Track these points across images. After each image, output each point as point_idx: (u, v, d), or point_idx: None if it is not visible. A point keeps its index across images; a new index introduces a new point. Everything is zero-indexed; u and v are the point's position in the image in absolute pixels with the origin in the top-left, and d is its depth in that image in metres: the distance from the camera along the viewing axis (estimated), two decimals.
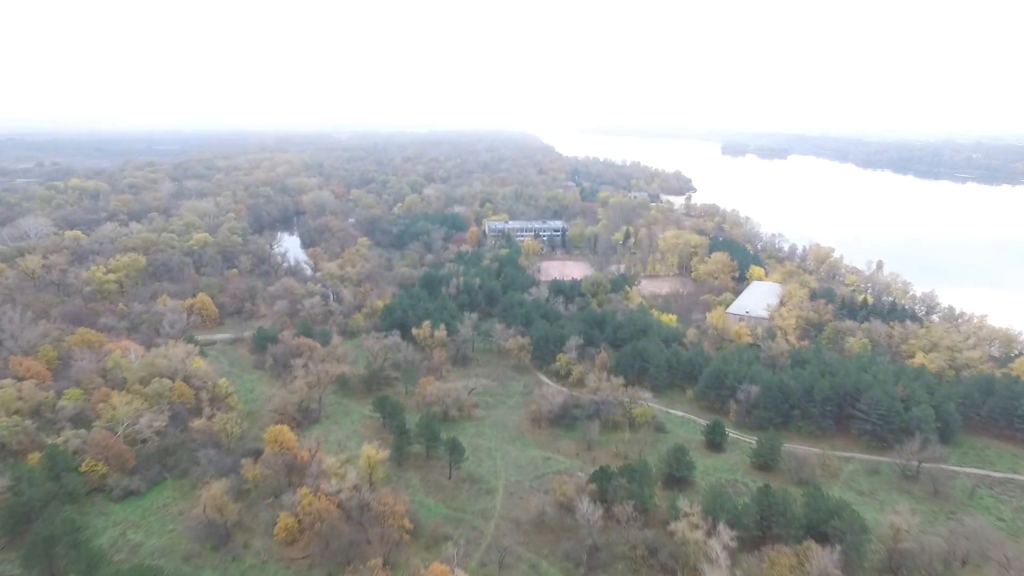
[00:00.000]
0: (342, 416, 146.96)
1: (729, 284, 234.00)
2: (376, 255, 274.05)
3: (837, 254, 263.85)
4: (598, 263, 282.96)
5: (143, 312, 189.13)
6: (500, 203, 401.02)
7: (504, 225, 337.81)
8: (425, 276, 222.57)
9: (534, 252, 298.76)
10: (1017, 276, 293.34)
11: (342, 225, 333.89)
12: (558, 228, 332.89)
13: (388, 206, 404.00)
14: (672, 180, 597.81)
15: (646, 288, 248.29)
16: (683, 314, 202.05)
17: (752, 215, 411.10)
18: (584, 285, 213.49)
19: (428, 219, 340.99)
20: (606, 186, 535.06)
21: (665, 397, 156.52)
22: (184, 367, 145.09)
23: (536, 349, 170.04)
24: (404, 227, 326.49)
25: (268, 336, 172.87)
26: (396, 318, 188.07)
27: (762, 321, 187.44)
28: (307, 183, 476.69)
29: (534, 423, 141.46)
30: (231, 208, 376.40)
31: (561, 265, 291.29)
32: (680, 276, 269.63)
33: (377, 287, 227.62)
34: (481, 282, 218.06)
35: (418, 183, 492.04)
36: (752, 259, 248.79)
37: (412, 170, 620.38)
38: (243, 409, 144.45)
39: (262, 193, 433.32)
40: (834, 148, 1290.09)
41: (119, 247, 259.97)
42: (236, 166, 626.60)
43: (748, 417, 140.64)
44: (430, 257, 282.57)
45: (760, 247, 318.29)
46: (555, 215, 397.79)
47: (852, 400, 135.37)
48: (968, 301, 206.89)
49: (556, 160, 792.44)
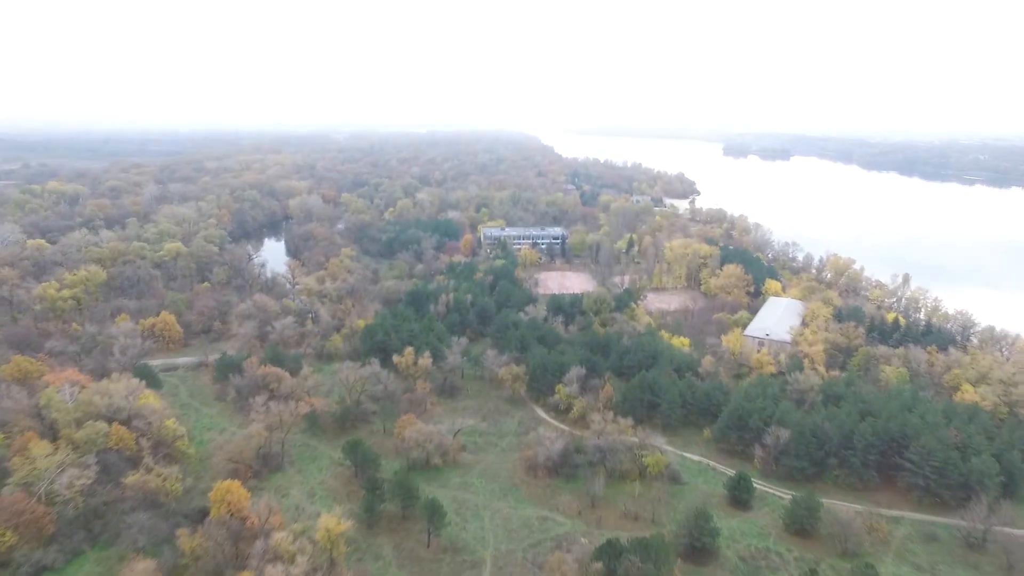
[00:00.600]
0: (309, 461, 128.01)
1: (743, 300, 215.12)
2: (361, 266, 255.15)
3: (857, 265, 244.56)
4: (600, 274, 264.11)
5: (97, 334, 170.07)
6: (497, 208, 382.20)
7: (500, 232, 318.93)
8: (412, 293, 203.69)
9: (532, 262, 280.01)
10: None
11: (328, 232, 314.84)
12: (557, 236, 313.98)
13: (379, 211, 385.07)
14: (675, 183, 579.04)
15: (653, 303, 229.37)
16: (695, 336, 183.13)
17: (760, 220, 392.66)
18: (586, 302, 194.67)
19: (420, 226, 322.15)
20: (607, 189, 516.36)
21: (679, 436, 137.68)
22: (129, 405, 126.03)
23: (533, 379, 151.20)
24: (394, 235, 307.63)
25: (231, 364, 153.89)
26: (377, 341, 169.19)
27: (784, 346, 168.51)
28: (296, 186, 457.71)
29: (529, 471, 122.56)
30: (213, 213, 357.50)
31: (561, 276, 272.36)
32: (689, 289, 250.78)
33: (360, 304, 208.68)
34: (473, 299, 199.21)
35: (412, 186, 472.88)
36: (767, 272, 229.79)
37: (407, 172, 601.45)
38: (196, 454, 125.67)
39: (248, 197, 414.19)
40: (837, 149, 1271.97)
41: (85, 257, 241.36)
42: (225, 167, 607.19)
43: (777, 465, 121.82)
44: (420, 267, 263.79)
45: (771, 256, 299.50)
46: (554, 221, 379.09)
47: (898, 447, 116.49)
48: (988, 310, 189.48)
49: (555, 161, 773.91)
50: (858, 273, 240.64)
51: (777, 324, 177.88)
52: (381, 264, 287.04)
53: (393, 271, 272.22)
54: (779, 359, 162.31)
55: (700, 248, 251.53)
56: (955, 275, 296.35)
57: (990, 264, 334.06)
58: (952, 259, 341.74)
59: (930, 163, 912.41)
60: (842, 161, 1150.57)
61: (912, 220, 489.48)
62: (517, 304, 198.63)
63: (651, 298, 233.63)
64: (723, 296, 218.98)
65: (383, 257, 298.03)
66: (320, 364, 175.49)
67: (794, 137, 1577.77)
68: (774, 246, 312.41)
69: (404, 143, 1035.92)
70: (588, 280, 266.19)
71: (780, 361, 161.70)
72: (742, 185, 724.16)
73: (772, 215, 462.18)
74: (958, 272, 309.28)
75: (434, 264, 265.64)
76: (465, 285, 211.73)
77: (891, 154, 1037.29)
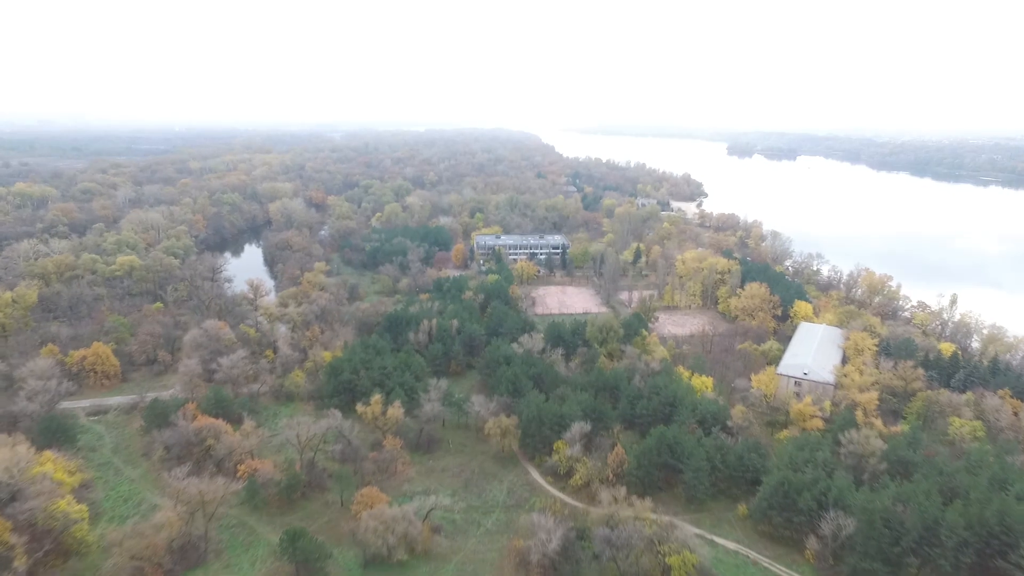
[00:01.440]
0: (241, 551, 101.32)
1: (770, 324, 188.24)
2: (337, 282, 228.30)
3: (894, 282, 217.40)
4: (605, 290, 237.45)
5: (9, 372, 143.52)
6: (492, 213, 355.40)
7: (495, 241, 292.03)
8: (390, 317, 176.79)
9: (529, 276, 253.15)
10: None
11: (307, 241, 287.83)
12: (557, 245, 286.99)
13: (366, 216, 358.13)
14: (682, 185, 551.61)
15: (665, 325, 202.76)
16: (718, 371, 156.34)
17: (772, 224, 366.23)
18: (590, 331, 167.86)
19: (408, 233, 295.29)
20: (610, 192, 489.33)
21: (707, 513, 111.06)
22: (13, 479, 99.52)
23: (526, 434, 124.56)
24: (379, 244, 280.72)
25: (161, 412, 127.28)
26: (343, 381, 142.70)
27: (827, 389, 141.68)
28: (281, 188, 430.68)
29: (520, 567, 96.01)
30: (186, 219, 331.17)
31: (561, 292, 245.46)
32: (705, 309, 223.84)
33: (331, 329, 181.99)
34: (460, 325, 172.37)
35: (403, 189, 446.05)
36: (795, 291, 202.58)
37: (400, 173, 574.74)
38: (98, 542, 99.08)
39: (227, 200, 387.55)
40: (844, 149, 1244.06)
41: (28, 271, 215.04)
42: (210, 168, 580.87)
43: (837, 561, 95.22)
44: (406, 282, 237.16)
45: (791, 268, 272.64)
46: (554, 227, 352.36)
47: (1001, 545, 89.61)
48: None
49: (556, 162, 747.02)
50: (896, 291, 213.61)
51: (815, 360, 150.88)
52: (363, 277, 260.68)
53: (376, 285, 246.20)
54: (823, 406, 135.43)
55: (717, 263, 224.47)
56: (987, 284, 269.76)
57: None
58: (982, 266, 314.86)
59: (943, 163, 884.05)
60: (849, 161, 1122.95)
61: (932, 223, 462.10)
62: (511, 331, 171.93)
63: (663, 319, 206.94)
64: (746, 320, 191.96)
65: (366, 269, 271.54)
66: (278, 406, 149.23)
67: (799, 136, 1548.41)
68: (794, 256, 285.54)
69: (400, 142, 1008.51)
70: (591, 296, 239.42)
71: (825, 408, 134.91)
72: (749, 186, 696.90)
73: (783, 219, 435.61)
74: (990, 280, 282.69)
75: (421, 278, 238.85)
76: (452, 308, 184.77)
77: (901, 154, 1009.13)
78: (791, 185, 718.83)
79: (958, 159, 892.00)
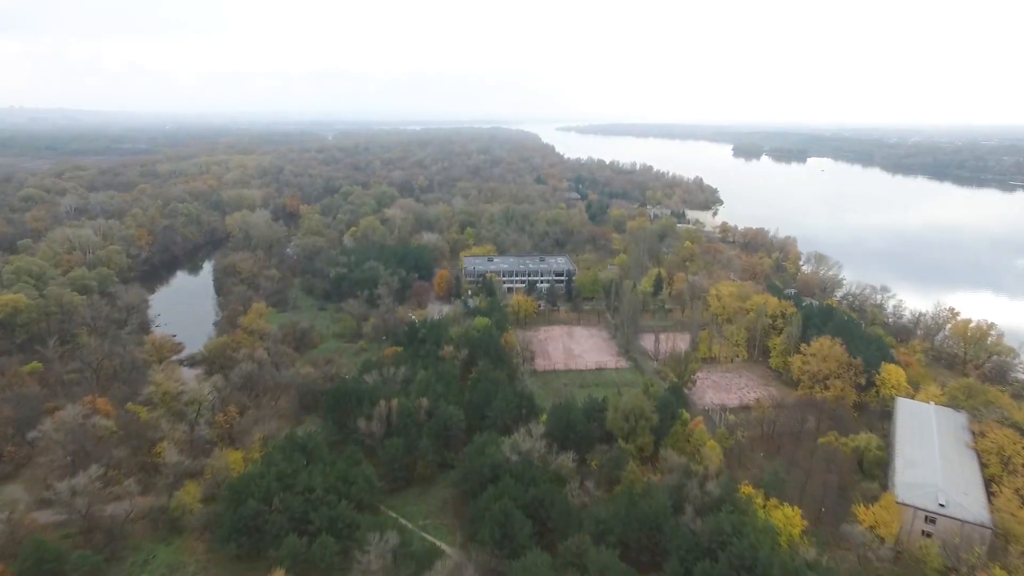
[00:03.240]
0: None
1: (850, 395, 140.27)
2: (285, 327, 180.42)
3: (996, 332, 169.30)
4: (622, 333, 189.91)
5: None
6: (485, 227, 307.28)
7: (487, 264, 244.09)
8: (335, 395, 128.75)
9: (528, 313, 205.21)
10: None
11: (258, 265, 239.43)
12: (561, 272, 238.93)
13: (340, 230, 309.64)
14: (695, 191, 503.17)
15: (704, 390, 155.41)
16: (797, 483, 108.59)
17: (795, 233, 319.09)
18: (612, 421, 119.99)
19: (384, 255, 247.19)
20: (617, 200, 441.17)
21: None
22: None
23: None
24: (345, 270, 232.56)
25: None
26: (247, 513, 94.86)
27: (981, 533, 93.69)
28: (247, 196, 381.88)
29: None
30: (126, 234, 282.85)
31: (567, 335, 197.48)
32: (753, 364, 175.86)
33: (258, 405, 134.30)
34: (431, 405, 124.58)
35: (387, 196, 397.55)
36: (877, 347, 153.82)
37: (388, 177, 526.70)
38: None
39: (183, 211, 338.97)
40: (855, 150, 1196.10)
41: None
42: (180, 171, 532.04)
43: None
44: (372, 324, 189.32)
45: (845, 302, 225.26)
46: (556, 244, 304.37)
47: None
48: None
49: (556, 164, 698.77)
50: (999, 343, 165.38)
51: (947, 476, 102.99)
52: (323, 314, 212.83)
53: (336, 326, 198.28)
54: (970, 568, 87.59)
55: (766, 303, 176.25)
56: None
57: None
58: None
59: (964, 166, 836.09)
60: (861, 163, 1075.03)
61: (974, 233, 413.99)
62: (502, 414, 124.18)
63: (700, 379, 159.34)
64: (815, 391, 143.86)
65: (330, 300, 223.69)
66: (155, 543, 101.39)
67: (806, 136, 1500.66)
68: (843, 284, 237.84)
69: (394, 142, 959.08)
70: (605, 342, 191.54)
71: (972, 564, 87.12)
72: (763, 191, 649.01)
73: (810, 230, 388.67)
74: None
75: (392, 318, 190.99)
76: (423, 376, 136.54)
77: (917, 156, 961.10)
78: (808, 190, 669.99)
79: (981, 162, 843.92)
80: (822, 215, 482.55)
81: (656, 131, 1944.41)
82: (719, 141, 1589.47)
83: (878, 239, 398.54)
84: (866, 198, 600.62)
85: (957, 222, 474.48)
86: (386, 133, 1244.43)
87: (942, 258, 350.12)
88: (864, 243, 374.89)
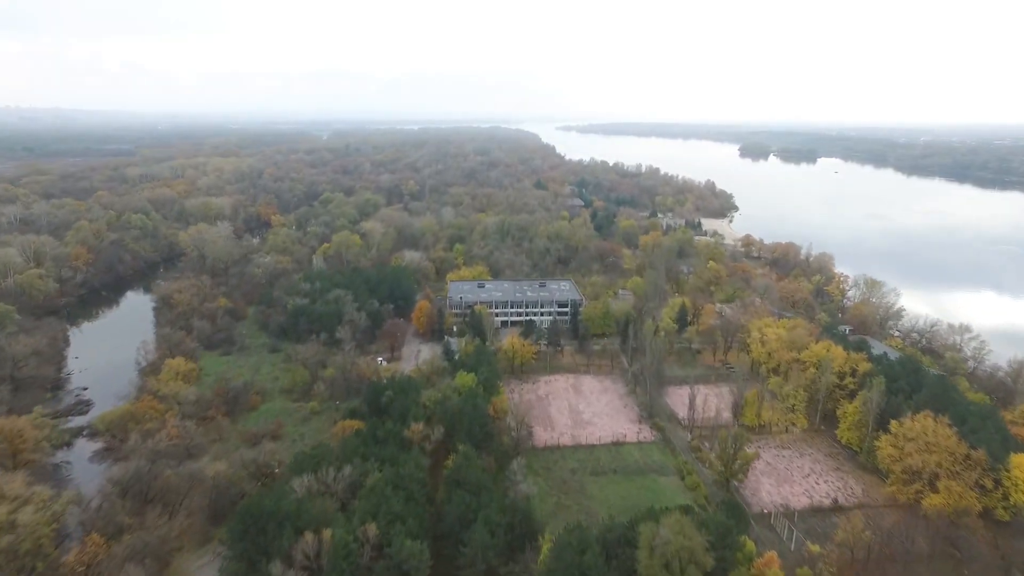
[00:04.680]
0: None
1: (973, 503, 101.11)
2: (217, 384, 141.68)
3: None
4: (644, 388, 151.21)
5: None
6: (477, 244, 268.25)
7: (476, 293, 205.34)
8: (245, 516, 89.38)
9: (525, 359, 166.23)
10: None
11: (201, 295, 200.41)
12: (565, 303, 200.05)
13: (312, 247, 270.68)
14: (708, 197, 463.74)
15: (756, 478, 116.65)
16: None
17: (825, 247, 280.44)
18: (647, 568, 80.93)
19: (356, 279, 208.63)
20: (625, 207, 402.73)
21: None
22: None
23: None
24: (307, 300, 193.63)
25: None
26: None
27: None
28: (212, 205, 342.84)
29: None
30: (62, 253, 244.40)
31: (573, 391, 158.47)
32: (812, 433, 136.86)
33: (143, 525, 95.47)
34: (380, 537, 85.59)
35: (371, 204, 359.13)
36: (995, 425, 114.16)
37: (376, 181, 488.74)
38: None
39: (137, 223, 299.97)
40: (866, 150, 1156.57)
41: None
42: (152, 175, 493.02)
43: None
44: (330, 377, 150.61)
45: (906, 338, 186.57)
46: (559, 262, 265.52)
47: None
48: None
49: (557, 166, 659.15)
50: None
51: None
52: (274, 358, 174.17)
53: (285, 378, 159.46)
54: None
55: (832, 357, 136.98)
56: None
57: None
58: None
59: (987, 167, 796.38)
60: (873, 163, 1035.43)
61: None
62: (485, 551, 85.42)
63: (754, 464, 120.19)
64: (908, 477, 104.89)
65: (286, 338, 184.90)
66: None
67: (813, 136, 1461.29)
68: (906, 317, 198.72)
69: (388, 142, 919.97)
70: (621, 400, 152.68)
71: None
72: (777, 193, 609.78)
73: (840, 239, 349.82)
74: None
75: (352, 369, 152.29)
76: (377, 481, 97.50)
77: (934, 156, 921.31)
78: (825, 192, 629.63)
79: (1004, 163, 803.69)
80: (848, 221, 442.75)
81: (658, 130, 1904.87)
82: (722, 141, 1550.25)
83: (922, 249, 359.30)
84: (891, 203, 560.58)
85: (1008, 230, 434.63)
86: (382, 133, 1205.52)
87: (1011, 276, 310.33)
88: (909, 259, 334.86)
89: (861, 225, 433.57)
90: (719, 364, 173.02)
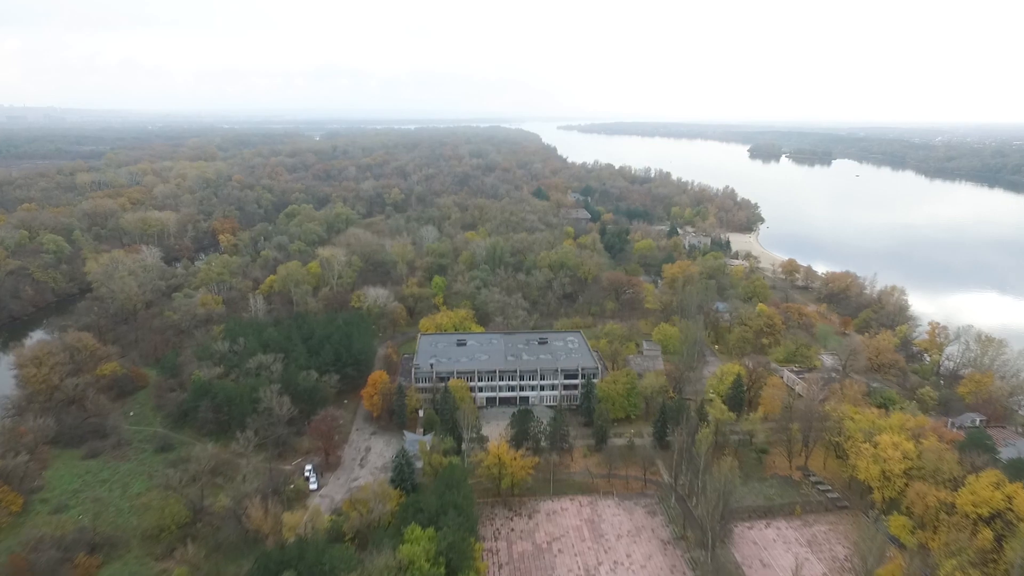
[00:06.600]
0: None
1: None
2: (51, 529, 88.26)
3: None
4: (695, 530, 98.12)
5: None
6: (461, 275, 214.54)
7: (453, 355, 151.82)
8: None
9: (520, 480, 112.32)
10: None
11: (80, 355, 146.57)
12: (574, 373, 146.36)
13: (256, 279, 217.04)
14: (730, 207, 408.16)
15: None
16: None
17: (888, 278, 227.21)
18: None
19: (294, 335, 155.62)
20: (637, 221, 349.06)
21: None
22: None
23: None
24: (222, 368, 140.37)
25: None
26: None
27: None
28: (152, 220, 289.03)
29: None
30: None
31: (589, 531, 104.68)
32: None
33: None
34: None
35: (340, 220, 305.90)
36: None
37: (357, 189, 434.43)
38: None
39: (48, 247, 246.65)
40: (883, 151, 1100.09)
41: None
42: (105, 182, 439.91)
43: None
44: (221, 507, 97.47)
45: None
46: (565, 298, 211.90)
47: None
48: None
49: (559, 170, 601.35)
50: None
51: None
52: (158, 461, 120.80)
53: (157, 510, 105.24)
54: None
55: (1010, 497, 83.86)
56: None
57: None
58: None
59: (1021, 171, 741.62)
60: (890, 165, 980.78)
61: None
62: None
63: None
64: None
65: (187, 424, 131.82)
66: None
67: (824, 136, 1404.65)
68: (1012, 378, 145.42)
69: (378, 143, 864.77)
70: (662, 551, 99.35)
71: None
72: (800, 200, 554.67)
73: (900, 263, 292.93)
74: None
75: (239, 518, 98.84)
76: None
77: (959, 159, 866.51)
78: (851, 198, 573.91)
79: None
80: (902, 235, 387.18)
81: (662, 130, 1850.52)
82: (730, 141, 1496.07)
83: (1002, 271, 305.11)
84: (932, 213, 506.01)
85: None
86: (375, 133, 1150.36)
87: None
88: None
89: (918, 239, 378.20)
90: (798, 476, 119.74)
